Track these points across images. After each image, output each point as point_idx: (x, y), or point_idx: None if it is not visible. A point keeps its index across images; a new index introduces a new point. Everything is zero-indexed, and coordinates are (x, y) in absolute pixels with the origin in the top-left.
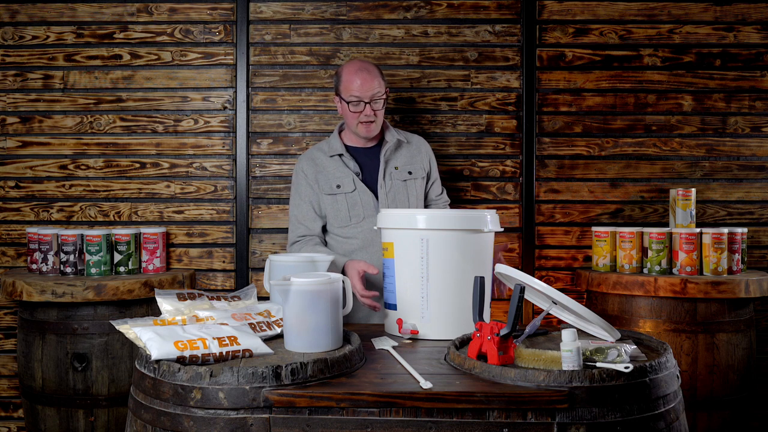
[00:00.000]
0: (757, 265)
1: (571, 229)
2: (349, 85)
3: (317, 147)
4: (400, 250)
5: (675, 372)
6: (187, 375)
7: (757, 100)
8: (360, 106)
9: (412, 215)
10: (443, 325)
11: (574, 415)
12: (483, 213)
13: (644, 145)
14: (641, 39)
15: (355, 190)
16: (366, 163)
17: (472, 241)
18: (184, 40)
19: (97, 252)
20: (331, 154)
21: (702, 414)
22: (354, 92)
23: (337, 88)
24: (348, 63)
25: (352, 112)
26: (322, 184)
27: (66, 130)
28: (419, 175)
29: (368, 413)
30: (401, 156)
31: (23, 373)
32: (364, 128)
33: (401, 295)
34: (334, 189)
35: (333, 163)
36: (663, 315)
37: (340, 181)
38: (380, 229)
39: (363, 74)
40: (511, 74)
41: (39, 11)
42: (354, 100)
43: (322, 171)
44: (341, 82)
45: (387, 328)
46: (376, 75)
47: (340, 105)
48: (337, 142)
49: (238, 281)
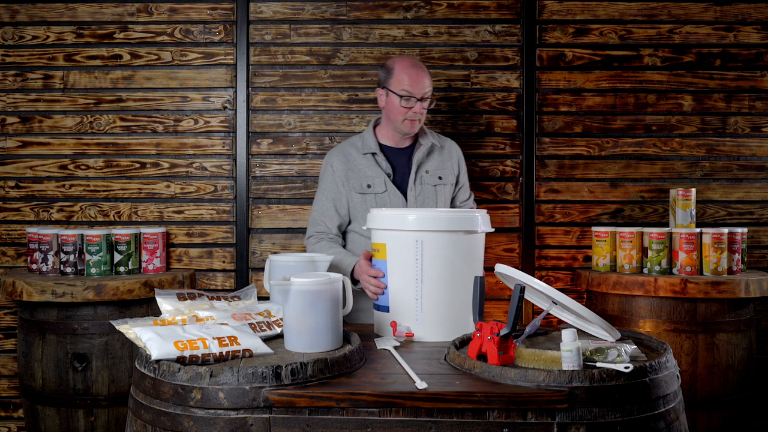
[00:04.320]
0: (757, 265)
1: (571, 229)
2: (403, 79)
3: (350, 142)
4: (393, 251)
5: (675, 372)
6: (187, 375)
7: (757, 100)
8: (411, 101)
9: (405, 216)
10: (439, 327)
11: (574, 415)
12: (474, 214)
13: (644, 145)
14: (641, 39)
15: (386, 192)
16: (398, 164)
17: (466, 241)
18: (184, 40)
19: (97, 252)
20: (364, 151)
21: (702, 414)
22: (407, 87)
23: (386, 81)
24: (400, 58)
25: (401, 107)
26: (353, 182)
27: (66, 130)
28: (449, 181)
29: (368, 413)
30: (433, 160)
31: (23, 373)
32: (409, 125)
33: (394, 297)
34: (365, 188)
35: (365, 161)
36: (663, 315)
37: (371, 181)
38: (370, 229)
39: (417, 71)
40: (511, 74)
41: (39, 11)
42: (405, 95)
43: (353, 168)
44: (393, 75)
45: (377, 330)
46: (428, 74)
47: (385, 98)
48: (371, 139)
49: (238, 281)
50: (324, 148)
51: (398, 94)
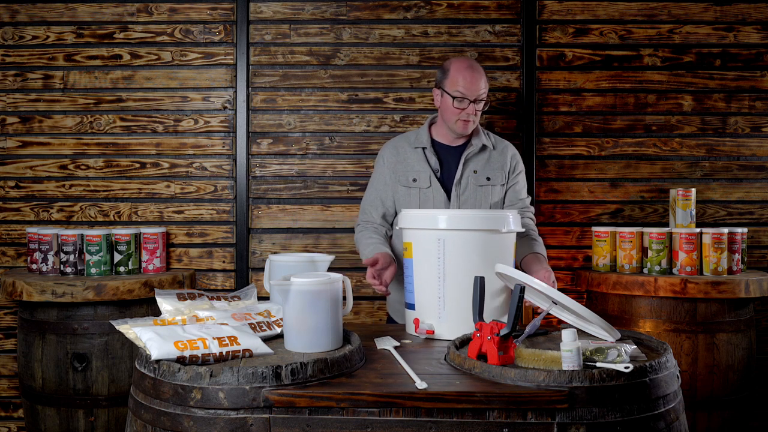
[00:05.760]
0: (757, 265)
1: (571, 229)
2: (457, 80)
3: (404, 136)
4: (418, 250)
5: (675, 372)
6: (187, 375)
7: (757, 100)
8: (464, 103)
9: (428, 215)
10: (459, 325)
11: (574, 415)
12: (499, 213)
13: (644, 145)
14: (641, 39)
15: (430, 187)
16: (447, 161)
17: (490, 241)
18: (184, 40)
19: (97, 252)
20: (416, 145)
21: (702, 414)
22: (460, 88)
23: (442, 81)
24: (457, 59)
25: (455, 107)
26: (399, 175)
27: (66, 130)
28: (498, 182)
29: (368, 413)
30: (482, 160)
31: (23, 373)
32: (462, 125)
33: (419, 295)
34: (410, 182)
35: (415, 155)
36: (663, 315)
37: (417, 175)
38: (401, 229)
39: (472, 72)
40: (511, 74)
41: (39, 11)
42: (459, 96)
43: (402, 161)
44: (448, 76)
45: (407, 328)
46: (483, 76)
47: (441, 98)
48: (425, 134)
49: (238, 281)
50: (324, 148)
51: (452, 95)
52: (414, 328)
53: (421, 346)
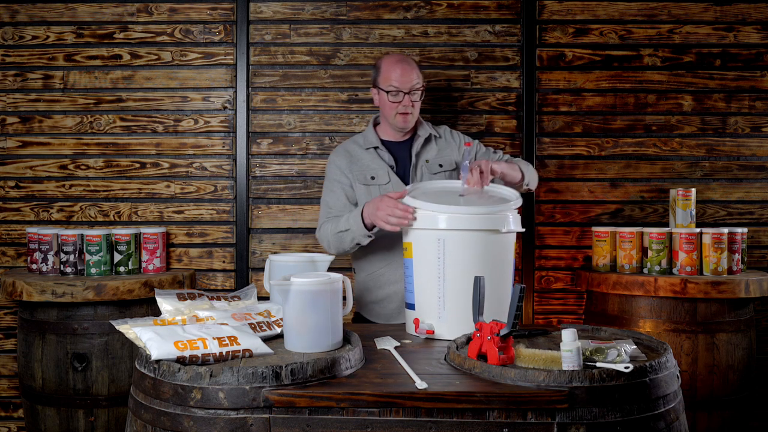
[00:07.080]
0: (757, 265)
1: (571, 229)
2: (389, 75)
3: (352, 140)
4: (418, 250)
5: (675, 372)
6: (187, 375)
7: (757, 100)
8: (399, 96)
9: (428, 215)
10: (459, 325)
11: (574, 415)
12: (505, 213)
13: (644, 145)
14: (641, 39)
15: (389, 182)
16: (399, 157)
17: (490, 241)
18: (184, 40)
19: (97, 252)
20: (366, 146)
21: (702, 414)
22: (393, 82)
23: (376, 79)
24: (387, 56)
25: (390, 102)
26: (356, 174)
27: (66, 130)
28: (449, 167)
29: (368, 413)
30: (432, 150)
31: (23, 373)
32: (402, 119)
33: (419, 295)
34: (369, 180)
35: (368, 155)
36: (663, 315)
37: (375, 173)
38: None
39: (403, 65)
40: (511, 74)
41: (39, 11)
42: (393, 90)
43: (356, 162)
44: (380, 73)
45: (407, 328)
46: (415, 67)
47: (377, 96)
48: (372, 135)
49: (238, 281)
50: (324, 148)
51: (386, 90)
52: (414, 328)
53: (421, 346)
